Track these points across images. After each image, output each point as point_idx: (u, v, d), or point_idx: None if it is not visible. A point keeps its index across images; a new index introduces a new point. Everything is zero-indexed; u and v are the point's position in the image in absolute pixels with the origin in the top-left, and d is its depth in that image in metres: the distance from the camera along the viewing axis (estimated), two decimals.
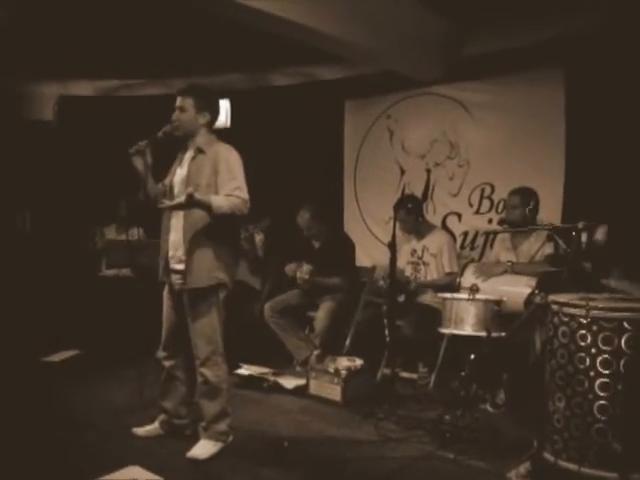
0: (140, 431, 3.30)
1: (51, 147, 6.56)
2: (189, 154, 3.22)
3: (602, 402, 2.52)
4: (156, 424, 3.33)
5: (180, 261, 3.14)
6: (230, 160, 3.10)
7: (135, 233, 5.76)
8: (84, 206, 6.27)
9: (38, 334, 5.21)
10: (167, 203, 2.99)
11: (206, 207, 2.94)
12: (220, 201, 2.97)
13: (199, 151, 3.16)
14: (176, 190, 3.19)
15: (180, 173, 3.22)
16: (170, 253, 3.18)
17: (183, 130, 3.18)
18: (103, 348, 4.98)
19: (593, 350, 2.55)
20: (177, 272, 3.15)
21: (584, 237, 2.82)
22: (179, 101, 3.18)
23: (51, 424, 3.52)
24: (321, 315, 4.86)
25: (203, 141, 3.19)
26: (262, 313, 5.01)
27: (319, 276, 4.92)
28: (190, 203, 2.89)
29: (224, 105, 6.07)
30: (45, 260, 6.08)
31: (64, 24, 5.04)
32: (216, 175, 3.07)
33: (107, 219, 6.10)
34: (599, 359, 2.54)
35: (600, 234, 2.89)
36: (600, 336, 2.54)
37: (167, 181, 3.31)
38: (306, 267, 4.93)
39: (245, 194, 3.04)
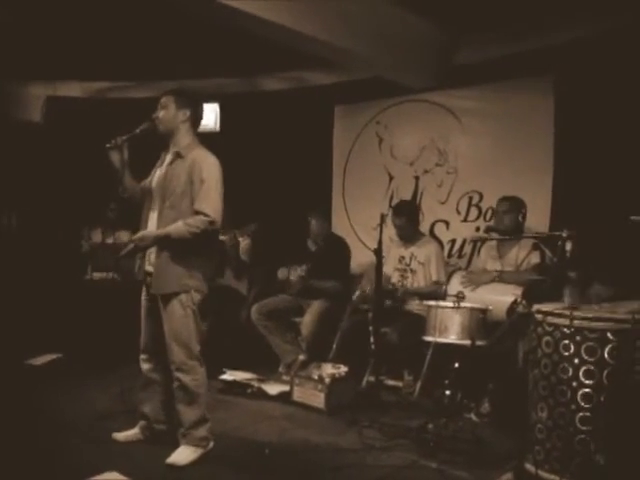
0: (120, 436, 3.26)
1: (38, 148, 6.51)
2: (169, 156, 3.22)
3: (585, 413, 2.51)
4: (136, 429, 3.29)
5: (151, 264, 3.13)
6: (205, 171, 3.07)
7: (121, 236, 5.75)
8: (71, 208, 6.23)
9: (21, 336, 5.15)
10: (122, 252, 3.15)
11: (165, 238, 3.01)
12: (179, 230, 2.99)
13: (178, 155, 3.16)
14: (154, 191, 3.21)
15: (159, 174, 3.23)
16: (146, 256, 3.18)
17: (164, 127, 3.18)
18: (86, 352, 4.92)
19: (576, 360, 2.55)
20: (150, 275, 3.14)
21: (569, 246, 2.81)
22: (161, 100, 3.20)
23: (30, 427, 3.46)
24: (308, 319, 4.84)
25: (183, 143, 3.18)
26: (249, 318, 4.98)
27: (314, 279, 4.91)
28: (144, 247, 3.06)
29: (214, 109, 6.05)
30: (30, 262, 6.02)
31: (53, 25, 5.01)
32: (191, 184, 3.06)
33: (94, 222, 6.06)
34: (582, 369, 2.53)
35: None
36: (583, 346, 2.54)
37: (148, 181, 3.31)
38: (303, 267, 4.91)
39: (213, 213, 3.01)
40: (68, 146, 6.44)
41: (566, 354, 2.57)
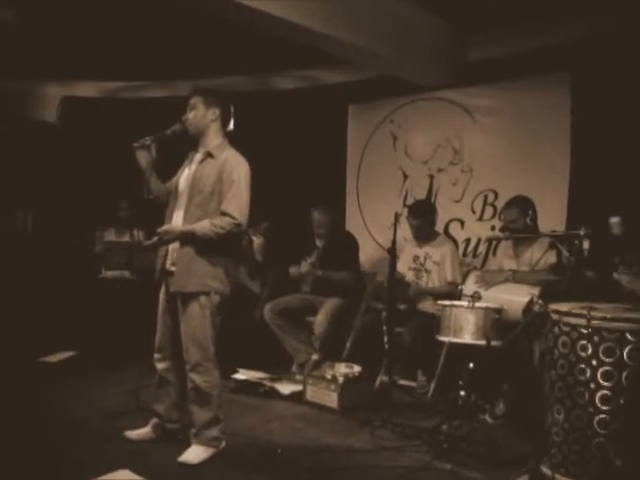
0: (132, 434, 3.25)
1: (54, 148, 6.55)
2: (199, 155, 3.20)
3: (603, 416, 2.46)
4: (149, 428, 3.28)
5: (174, 263, 3.11)
6: (236, 172, 3.06)
7: (136, 234, 5.78)
8: (86, 207, 6.26)
9: (36, 334, 5.18)
10: (146, 243, 3.17)
11: (190, 235, 3.01)
12: (205, 229, 2.99)
13: (208, 155, 3.15)
14: (180, 190, 3.19)
15: (187, 173, 3.21)
16: (168, 254, 3.16)
17: (194, 127, 3.17)
18: (101, 350, 4.94)
19: (594, 361, 2.50)
20: (171, 274, 3.11)
21: (586, 244, 2.76)
22: (190, 101, 3.19)
23: (43, 425, 3.47)
24: (321, 318, 4.81)
25: (214, 143, 3.17)
26: (261, 317, 4.97)
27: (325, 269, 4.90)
28: (168, 240, 3.05)
29: None
30: (45, 260, 6.06)
31: (68, 25, 5.03)
32: (221, 184, 3.05)
33: (107, 221, 6.08)
34: (600, 371, 2.48)
35: (616, 226, 2.79)
36: (602, 347, 2.48)
37: (174, 180, 3.31)
38: (312, 257, 4.94)
39: (240, 215, 3.01)
40: (83, 146, 6.48)
41: (583, 355, 2.52)
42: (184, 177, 3.22)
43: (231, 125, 6.10)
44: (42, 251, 6.18)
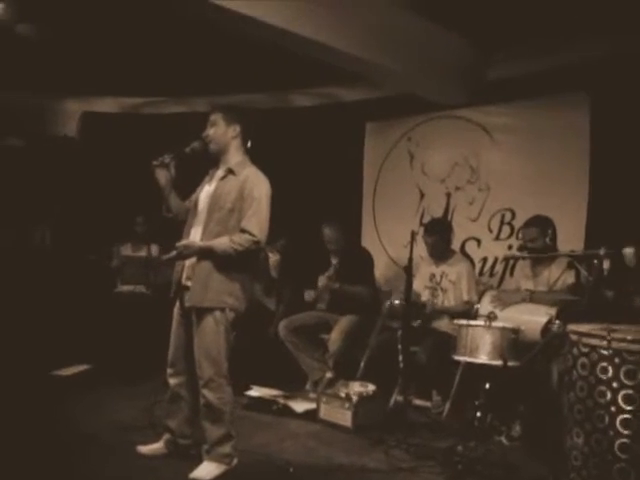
0: (144, 449, 3.23)
1: (72, 163, 6.62)
2: (220, 172, 3.20)
3: (624, 440, 2.39)
4: (161, 443, 3.25)
5: (190, 278, 3.11)
6: (257, 190, 3.06)
7: (151, 250, 5.80)
8: (103, 222, 6.30)
9: (51, 347, 5.20)
10: (164, 257, 3.14)
11: (208, 251, 3.00)
12: (224, 246, 2.98)
13: (230, 171, 3.14)
14: (200, 206, 3.19)
15: (207, 190, 3.21)
16: (184, 269, 3.15)
17: (215, 144, 3.17)
18: (115, 364, 4.94)
19: (615, 384, 2.43)
20: (187, 289, 3.11)
21: (606, 264, 2.71)
22: (210, 118, 3.19)
23: (56, 438, 3.47)
24: (335, 336, 4.78)
25: (235, 160, 3.17)
26: (276, 334, 4.95)
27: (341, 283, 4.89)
28: (187, 255, 3.03)
29: None
30: (62, 274, 6.10)
31: (89, 42, 5.11)
32: (242, 201, 3.05)
33: (124, 236, 6.11)
34: (621, 394, 2.42)
35: (630, 257, 2.76)
36: (623, 369, 2.42)
37: (193, 197, 3.31)
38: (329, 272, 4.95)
39: (259, 233, 3.00)
40: (101, 161, 6.54)
41: (603, 377, 2.47)
42: (204, 194, 3.22)
43: (248, 143, 6.16)
44: (59, 265, 6.22)
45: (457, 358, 3.59)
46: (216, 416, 3.02)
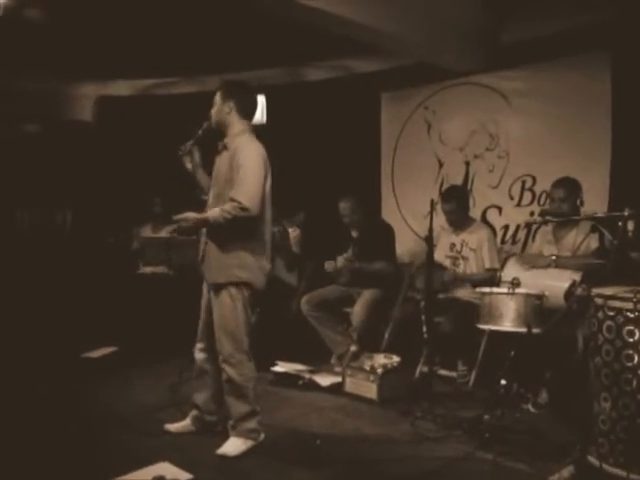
0: (172, 427, 3.28)
1: (90, 147, 6.67)
2: (219, 149, 3.23)
3: None
4: (188, 420, 3.30)
5: (204, 255, 3.17)
6: (242, 157, 3.04)
7: (171, 230, 5.82)
8: (122, 204, 6.35)
9: (78, 330, 5.28)
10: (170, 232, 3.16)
11: (203, 222, 3.05)
12: (215, 215, 3.00)
13: (224, 147, 3.18)
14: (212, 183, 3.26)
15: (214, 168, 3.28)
16: (201, 247, 3.21)
17: (214, 123, 3.23)
18: (141, 345, 5.00)
19: None
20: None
21: (630, 225, 2.64)
22: (215, 97, 3.24)
23: (86, 418, 3.54)
24: (358, 309, 4.77)
25: (232, 134, 3.18)
26: (299, 309, 4.95)
27: (361, 261, 4.86)
28: (186, 227, 3.09)
29: (260, 101, 6.01)
30: (85, 258, 6.17)
31: (101, 25, 5.09)
32: (232, 171, 3.06)
33: (143, 217, 6.15)
34: None
35: None
36: None
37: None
38: (348, 252, 4.92)
39: (246, 200, 2.95)
40: (117, 144, 6.57)
41: (630, 340, 2.42)
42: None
43: (264, 118, 6.13)
44: (81, 249, 6.30)
45: (481, 327, 3.56)
46: (239, 392, 3.05)
